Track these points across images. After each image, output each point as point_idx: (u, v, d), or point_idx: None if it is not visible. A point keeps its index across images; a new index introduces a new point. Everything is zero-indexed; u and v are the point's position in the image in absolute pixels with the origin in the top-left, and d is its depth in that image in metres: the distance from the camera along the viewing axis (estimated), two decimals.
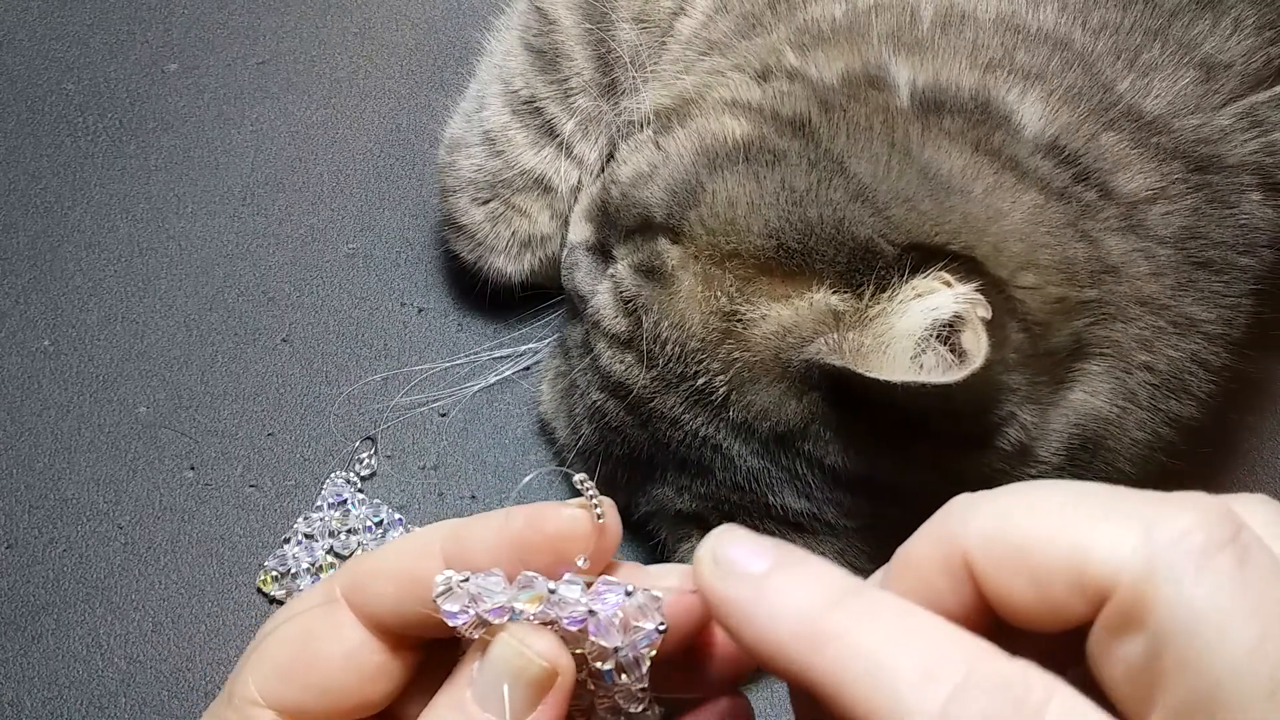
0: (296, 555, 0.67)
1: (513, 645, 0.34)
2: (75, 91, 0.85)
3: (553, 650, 0.34)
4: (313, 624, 0.37)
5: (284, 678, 0.36)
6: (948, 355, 0.48)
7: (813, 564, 0.30)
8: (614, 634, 0.34)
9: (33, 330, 0.75)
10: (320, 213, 0.80)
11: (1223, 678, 0.25)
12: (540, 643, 0.34)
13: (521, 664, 0.34)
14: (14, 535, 0.68)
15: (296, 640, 0.37)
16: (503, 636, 0.34)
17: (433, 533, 0.37)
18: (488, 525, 0.36)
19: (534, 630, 0.34)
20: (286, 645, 0.37)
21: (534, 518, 0.35)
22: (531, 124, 0.71)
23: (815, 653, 0.28)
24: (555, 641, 0.34)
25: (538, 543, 0.35)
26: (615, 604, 0.34)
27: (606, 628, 0.34)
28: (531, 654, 0.34)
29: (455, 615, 0.34)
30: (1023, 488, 0.30)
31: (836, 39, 0.60)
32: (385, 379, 0.74)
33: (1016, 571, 0.28)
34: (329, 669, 0.36)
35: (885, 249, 0.51)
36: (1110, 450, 0.56)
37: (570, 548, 0.35)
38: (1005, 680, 0.26)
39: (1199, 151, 0.58)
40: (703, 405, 0.55)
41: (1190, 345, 0.57)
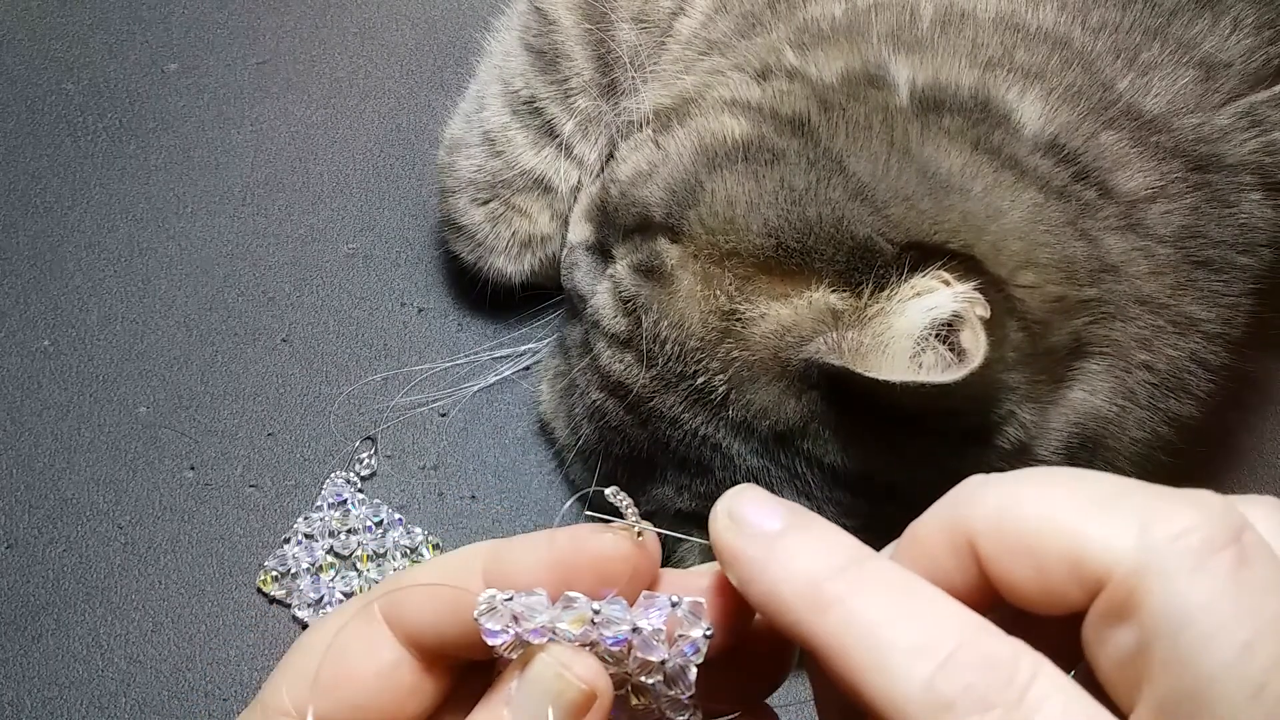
0: (296, 555, 0.67)
1: (552, 666, 0.34)
2: (75, 91, 0.85)
3: (592, 673, 0.34)
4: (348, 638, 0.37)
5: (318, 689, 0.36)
6: (947, 354, 0.48)
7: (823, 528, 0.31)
8: (660, 648, 0.34)
9: (33, 330, 0.75)
10: (320, 213, 0.80)
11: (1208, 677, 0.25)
12: (580, 665, 0.34)
13: (560, 686, 0.34)
14: (14, 535, 0.68)
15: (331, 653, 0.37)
16: (542, 657, 0.34)
17: (473, 552, 0.37)
18: (530, 546, 0.36)
19: (574, 652, 0.34)
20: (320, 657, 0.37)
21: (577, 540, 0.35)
22: (531, 124, 0.71)
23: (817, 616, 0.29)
24: (595, 664, 0.34)
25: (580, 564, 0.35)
26: (661, 618, 0.34)
27: (651, 643, 0.34)
28: (571, 676, 0.34)
29: (495, 634, 0.34)
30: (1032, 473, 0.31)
31: (836, 38, 0.60)
32: (385, 379, 0.74)
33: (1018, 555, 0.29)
34: (362, 684, 0.36)
35: (884, 248, 0.51)
36: (1110, 449, 0.56)
37: (612, 569, 0.35)
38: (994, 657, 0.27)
39: (1198, 150, 0.58)
40: (702, 404, 0.55)
41: (1189, 344, 0.57)
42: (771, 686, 0.37)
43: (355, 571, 0.67)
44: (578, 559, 0.35)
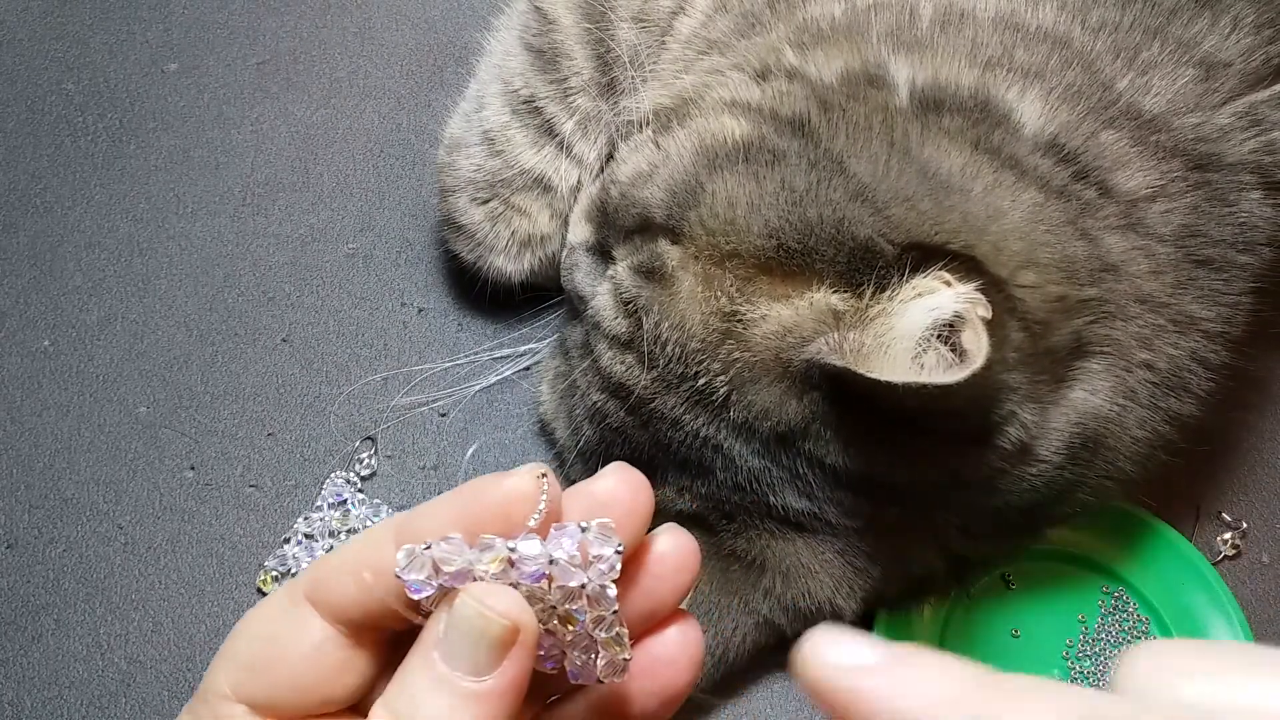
0: (296, 555, 0.67)
1: (472, 605, 0.35)
2: (75, 91, 0.85)
3: (512, 606, 0.35)
4: (278, 622, 0.39)
5: (253, 674, 0.38)
6: (948, 355, 0.48)
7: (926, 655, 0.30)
8: (578, 573, 0.36)
9: (33, 330, 0.75)
10: (320, 213, 0.80)
11: None
12: (498, 600, 0.35)
13: (483, 624, 0.35)
14: (14, 535, 0.68)
15: (263, 638, 0.39)
16: (463, 597, 0.35)
17: (385, 524, 0.39)
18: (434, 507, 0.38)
19: (494, 589, 0.36)
20: (254, 643, 0.39)
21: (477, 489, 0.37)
22: (531, 123, 0.71)
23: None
24: (514, 596, 0.36)
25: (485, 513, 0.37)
26: (574, 544, 0.36)
27: (569, 569, 0.36)
28: (492, 614, 0.35)
29: (419, 588, 0.36)
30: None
31: (836, 38, 0.60)
32: (385, 379, 0.74)
33: None
34: (295, 664, 0.38)
35: (885, 248, 0.51)
36: (1110, 449, 0.56)
37: (517, 510, 0.37)
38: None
39: (1198, 150, 0.58)
40: (703, 406, 0.55)
41: (1190, 343, 0.57)
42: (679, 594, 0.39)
43: None
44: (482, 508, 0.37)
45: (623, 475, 0.39)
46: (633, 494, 0.38)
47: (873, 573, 0.58)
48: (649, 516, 0.39)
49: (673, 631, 0.40)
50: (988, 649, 0.65)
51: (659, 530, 0.40)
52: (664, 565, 0.39)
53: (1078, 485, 0.57)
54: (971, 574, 0.65)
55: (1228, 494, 0.72)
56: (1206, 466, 0.71)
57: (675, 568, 0.39)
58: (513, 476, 0.37)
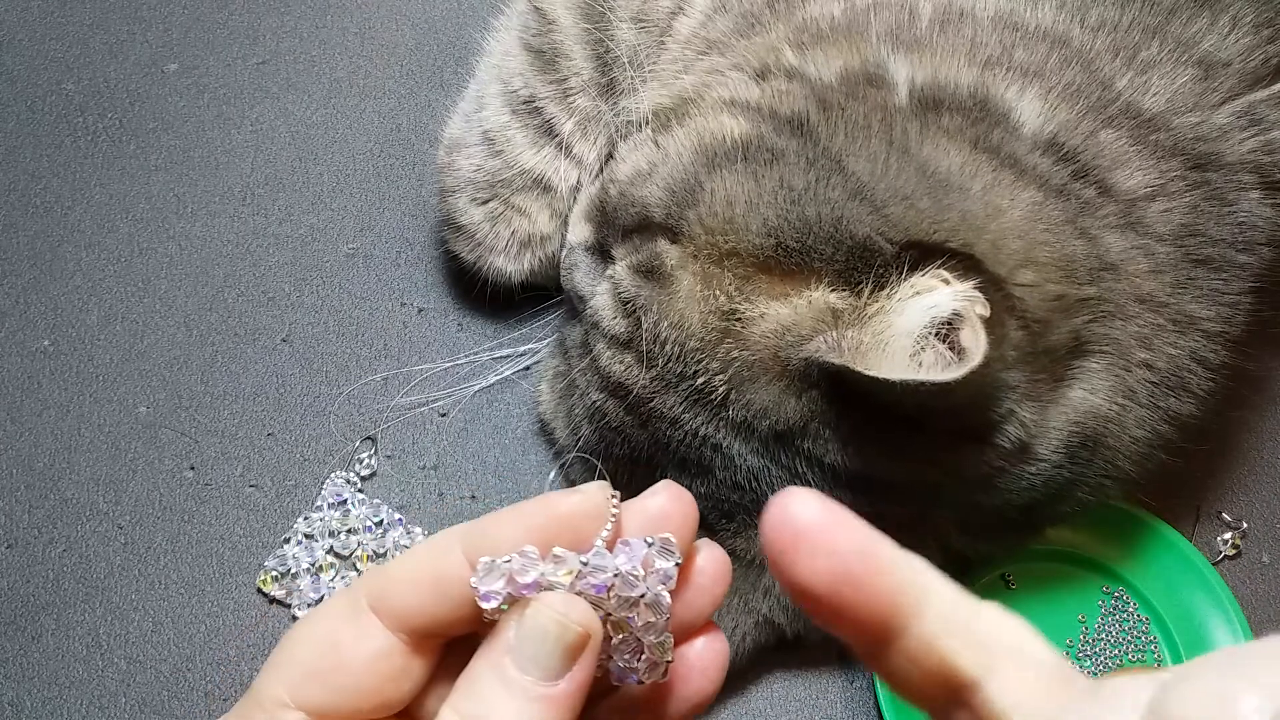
0: (296, 555, 0.67)
1: (549, 614, 0.37)
2: (75, 91, 0.85)
3: (587, 616, 0.37)
4: (340, 629, 0.39)
5: (312, 680, 0.39)
6: (946, 353, 0.48)
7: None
8: (639, 584, 0.38)
9: (33, 330, 0.75)
10: (320, 213, 0.80)
11: None
12: (575, 610, 0.37)
13: (559, 631, 0.37)
14: (14, 535, 0.68)
15: (324, 644, 0.39)
16: (538, 606, 0.37)
17: (450, 534, 0.39)
18: (503, 520, 0.39)
19: (568, 599, 0.37)
20: (314, 649, 0.39)
21: (547, 505, 0.39)
22: (531, 124, 0.71)
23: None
24: (587, 607, 0.37)
25: (554, 527, 0.38)
26: (639, 559, 0.38)
27: (631, 581, 0.38)
28: (570, 621, 0.37)
29: (490, 597, 0.37)
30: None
31: (835, 37, 0.60)
32: (385, 379, 0.74)
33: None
34: (356, 671, 0.39)
35: (884, 247, 0.51)
36: (1110, 448, 0.56)
37: (587, 526, 0.38)
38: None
39: (1197, 149, 0.58)
40: (702, 404, 0.55)
41: (1189, 343, 0.57)
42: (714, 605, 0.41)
43: (355, 571, 0.67)
44: (552, 522, 0.38)
45: (673, 492, 0.40)
46: (683, 510, 0.40)
47: None
48: (695, 531, 0.40)
49: (702, 641, 0.41)
50: None
51: (697, 544, 0.41)
52: (703, 578, 0.40)
53: (1076, 484, 0.56)
54: (971, 573, 0.65)
55: (1228, 494, 0.72)
56: (1206, 466, 0.71)
57: (712, 580, 0.41)
58: (580, 493, 0.39)
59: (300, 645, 0.40)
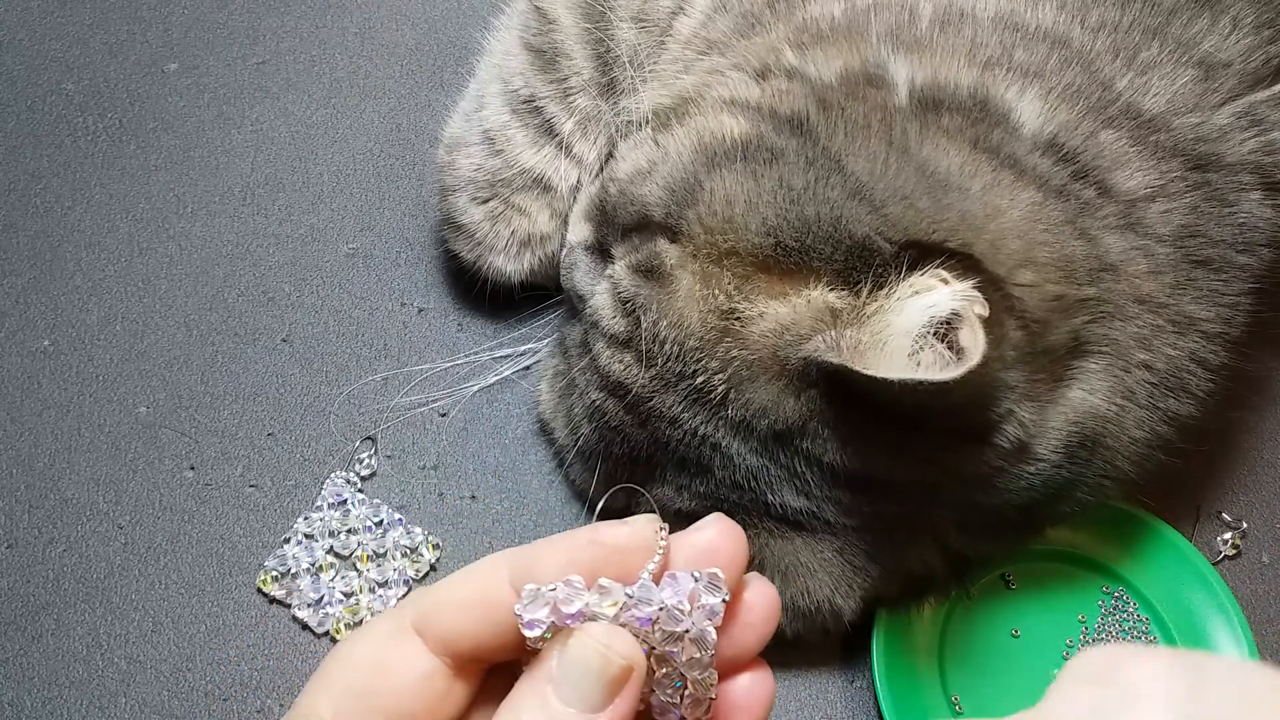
0: (296, 555, 0.67)
1: (592, 645, 0.37)
2: (75, 91, 0.85)
3: (631, 648, 0.37)
4: (385, 651, 0.40)
5: (356, 700, 0.39)
6: (945, 353, 0.48)
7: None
8: (685, 619, 0.38)
9: (33, 330, 0.75)
10: (320, 213, 0.80)
11: None
12: (619, 642, 0.37)
13: (602, 663, 0.37)
14: (14, 535, 0.68)
15: (370, 666, 0.40)
16: (581, 637, 0.37)
17: (497, 560, 0.40)
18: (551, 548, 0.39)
19: (612, 630, 0.37)
20: (359, 670, 0.40)
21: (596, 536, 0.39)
22: (531, 123, 0.71)
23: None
24: (632, 640, 0.37)
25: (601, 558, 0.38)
26: (686, 593, 0.38)
27: (677, 615, 0.38)
28: (613, 654, 0.37)
29: (534, 625, 0.37)
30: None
31: (835, 37, 0.60)
32: (385, 379, 0.74)
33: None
34: (400, 693, 0.39)
35: (883, 246, 0.51)
36: (1108, 448, 0.56)
37: (634, 559, 0.38)
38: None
39: (1198, 150, 0.58)
40: (701, 404, 0.55)
41: (1189, 343, 0.57)
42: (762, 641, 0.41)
43: (355, 571, 0.67)
44: (601, 553, 0.38)
45: (722, 527, 0.40)
46: (733, 545, 0.40)
47: (871, 571, 0.58)
48: (745, 566, 0.40)
49: (748, 678, 0.41)
50: (988, 649, 0.65)
51: (748, 579, 0.41)
52: (751, 614, 0.40)
53: (1076, 484, 0.57)
54: (971, 573, 0.65)
55: (1228, 494, 0.72)
56: (1206, 466, 0.71)
57: (762, 617, 0.40)
58: (629, 525, 0.39)
59: (344, 665, 0.40)
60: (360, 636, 0.41)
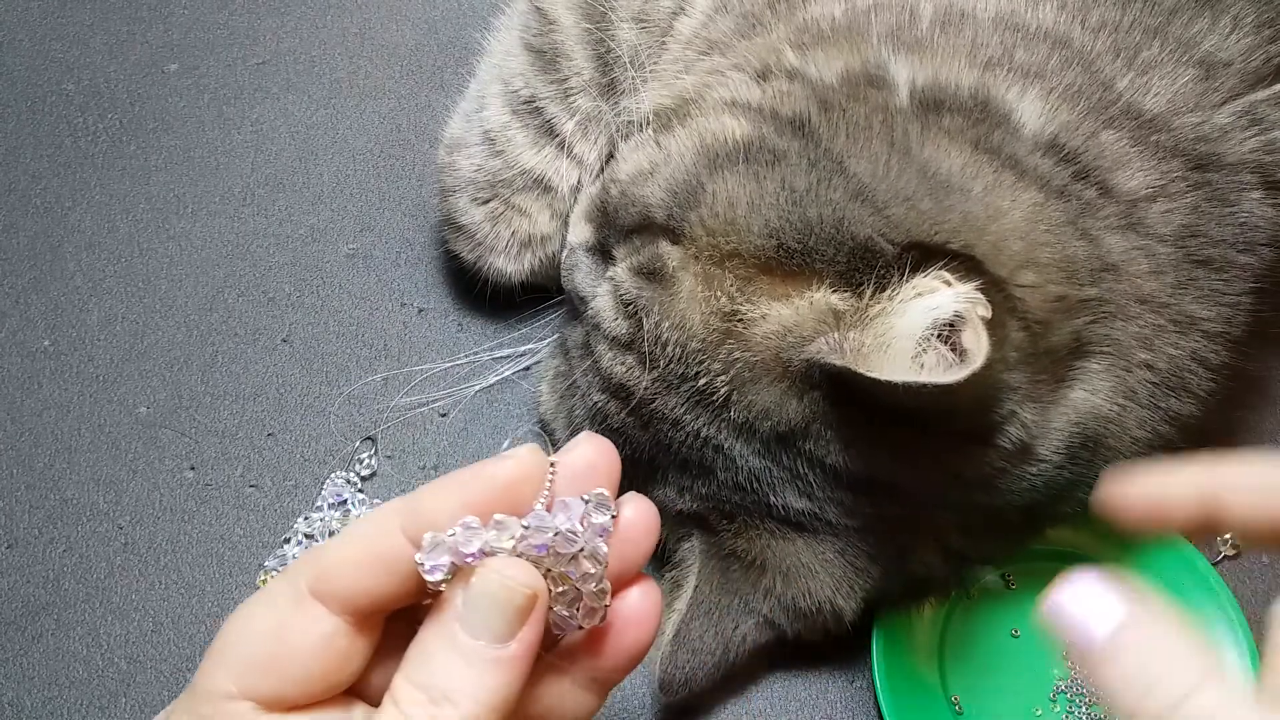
0: (296, 555, 0.67)
1: (495, 578, 0.38)
2: (75, 91, 0.85)
3: (533, 577, 0.38)
4: (284, 617, 0.40)
5: (259, 670, 0.39)
6: (948, 354, 0.48)
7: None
8: (578, 540, 0.39)
9: (33, 330, 0.75)
10: (320, 213, 0.80)
11: None
12: (520, 572, 0.38)
13: (506, 594, 0.38)
14: (14, 535, 0.68)
15: (270, 634, 0.40)
16: (483, 572, 0.38)
17: (386, 512, 0.40)
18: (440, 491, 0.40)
19: (512, 562, 0.38)
20: (260, 639, 0.40)
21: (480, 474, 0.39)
22: (531, 124, 0.71)
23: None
24: (532, 569, 0.38)
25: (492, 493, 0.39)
26: (577, 517, 0.39)
27: (570, 537, 0.39)
28: (515, 583, 0.38)
29: (435, 570, 0.38)
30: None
31: (836, 38, 0.60)
32: (385, 379, 0.74)
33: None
34: (305, 658, 0.39)
35: (885, 248, 0.51)
36: (1110, 448, 0.56)
37: (523, 491, 0.39)
38: None
39: (1198, 149, 0.58)
40: (704, 406, 0.55)
41: (1190, 343, 0.57)
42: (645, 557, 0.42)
43: None
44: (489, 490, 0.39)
45: (595, 443, 0.42)
46: (608, 460, 0.41)
47: (873, 572, 0.58)
48: (618, 479, 0.41)
49: (637, 591, 0.42)
50: (988, 649, 0.65)
51: (625, 498, 0.42)
52: (633, 530, 0.42)
53: (1077, 485, 0.57)
54: (971, 573, 0.65)
55: None
56: None
57: (643, 532, 0.42)
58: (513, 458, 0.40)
59: (242, 635, 0.40)
60: (255, 604, 0.41)
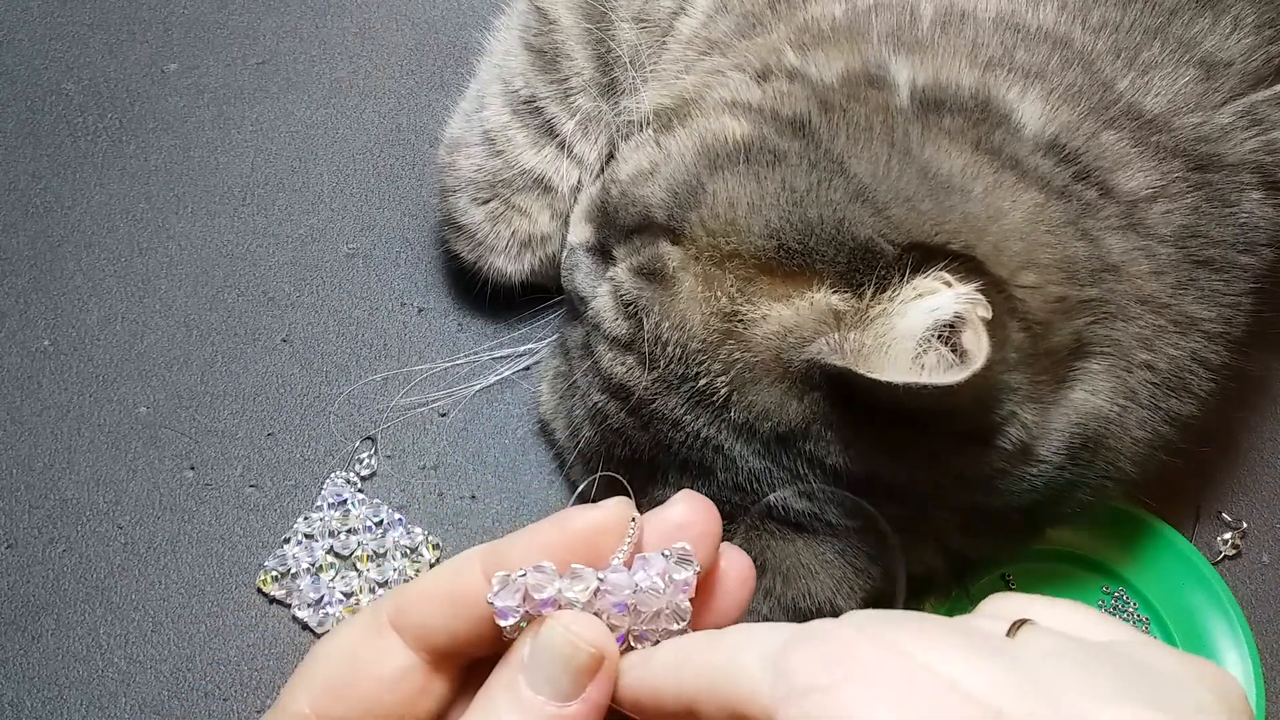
0: (296, 555, 0.67)
1: (561, 632, 0.37)
2: (75, 91, 0.84)
3: (600, 635, 0.37)
4: (362, 646, 0.40)
5: (336, 695, 0.39)
6: (949, 355, 0.48)
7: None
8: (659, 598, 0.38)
9: (33, 330, 0.75)
10: (320, 213, 0.80)
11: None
12: (587, 629, 0.37)
13: (570, 650, 0.37)
14: (14, 535, 0.68)
15: (347, 661, 0.40)
16: (550, 623, 0.37)
17: (471, 553, 0.40)
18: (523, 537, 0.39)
19: (581, 617, 0.37)
20: (337, 665, 0.40)
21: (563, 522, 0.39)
22: (531, 124, 0.71)
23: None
24: (601, 626, 0.37)
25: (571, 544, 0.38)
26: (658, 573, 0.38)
27: (650, 596, 0.37)
28: (580, 641, 0.37)
29: (507, 614, 0.37)
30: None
31: (836, 38, 0.60)
32: (385, 379, 0.74)
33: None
34: (378, 688, 0.39)
35: (885, 249, 0.51)
36: (1111, 449, 0.56)
37: (606, 543, 0.39)
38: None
39: (1199, 150, 0.58)
40: (704, 406, 0.55)
41: (1190, 344, 0.57)
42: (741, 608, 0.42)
43: (355, 571, 0.67)
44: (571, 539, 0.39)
45: (692, 502, 0.40)
46: (705, 519, 0.40)
47: (873, 573, 0.58)
48: (719, 537, 0.41)
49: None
50: None
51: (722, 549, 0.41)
52: (729, 581, 0.41)
53: (1078, 485, 0.57)
54: (971, 574, 0.65)
55: (1228, 494, 0.72)
56: (1206, 466, 0.71)
57: (737, 583, 0.41)
58: (600, 509, 0.39)
59: (324, 661, 0.40)
60: (339, 631, 0.41)
